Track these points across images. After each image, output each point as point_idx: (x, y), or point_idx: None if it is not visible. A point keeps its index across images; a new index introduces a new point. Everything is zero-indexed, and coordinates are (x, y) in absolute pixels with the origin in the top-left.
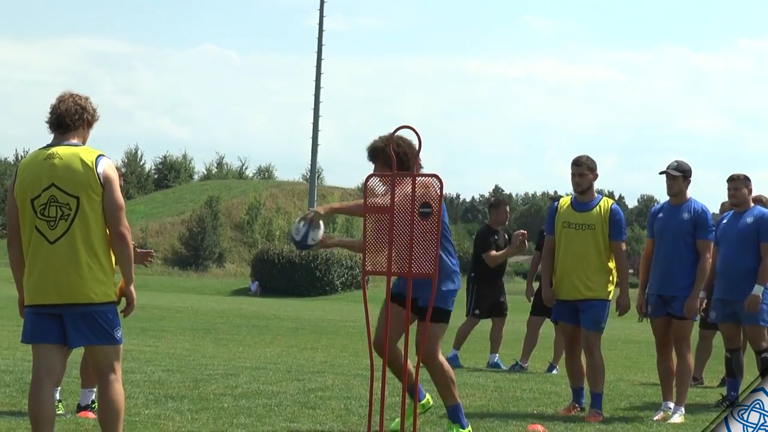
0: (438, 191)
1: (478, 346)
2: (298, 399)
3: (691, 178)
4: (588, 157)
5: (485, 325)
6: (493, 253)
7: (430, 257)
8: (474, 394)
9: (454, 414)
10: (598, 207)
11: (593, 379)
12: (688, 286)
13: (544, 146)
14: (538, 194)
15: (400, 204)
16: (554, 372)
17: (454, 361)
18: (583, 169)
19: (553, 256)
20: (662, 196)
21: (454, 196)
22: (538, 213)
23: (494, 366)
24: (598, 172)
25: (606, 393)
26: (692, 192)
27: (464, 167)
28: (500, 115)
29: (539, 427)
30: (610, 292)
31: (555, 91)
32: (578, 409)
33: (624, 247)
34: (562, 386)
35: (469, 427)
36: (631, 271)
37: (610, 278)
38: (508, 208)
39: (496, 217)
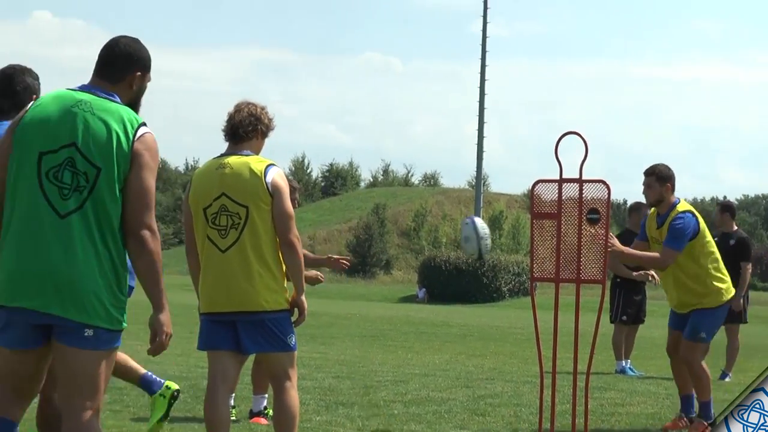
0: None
1: (647, 353)
2: (467, 406)
3: None
4: (662, 167)
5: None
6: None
7: (598, 263)
8: (645, 402)
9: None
10: (668, 218)
11: (697, 389)
12: None
13: (712, 150)
14: (707, 199)
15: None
16: (727, 379)
17: (625, 372)
18: (651, 180)
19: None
20: None
21: (621, 201)
22: (707, 218)
23: (621, 372)
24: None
25: None
26: None
27: (631, 172)
28: (667, 119)
29: None
30: (716, 298)
31: (724, 93)
32: (685, 421)
33: (669, 253)
34: (735, 393)
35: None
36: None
37: (713, 286)
38: (648, 211)
39: (636, 220)
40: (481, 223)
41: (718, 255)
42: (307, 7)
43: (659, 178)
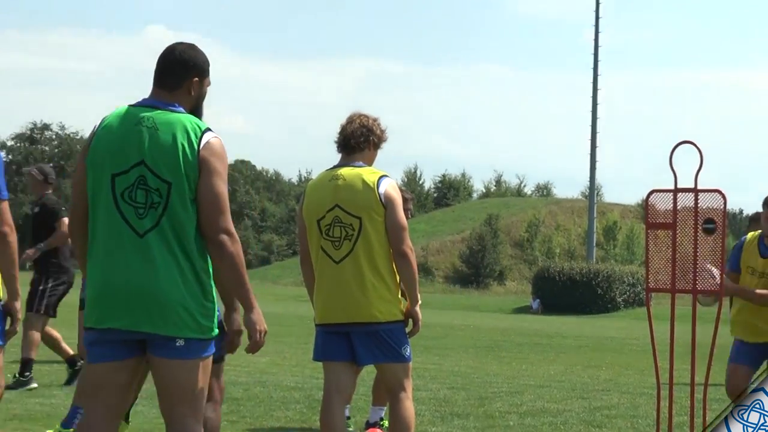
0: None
1: None
2: (583, 417)
3: None
4: None
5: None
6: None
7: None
8: None
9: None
10: None
11: None
12: None
13: None
14: None
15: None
16: None
17: None
18: None
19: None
20: None
21: (737, 211)
22: None
23: None
24: None
25: None
26: None
27: (748, 182)
28: None
29: None
30: None
31: None
32: None
33: None
34: None
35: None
36: None
37: None
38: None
39: (755, 230)
40: None
41: None
42: (419, 18)
43: None
